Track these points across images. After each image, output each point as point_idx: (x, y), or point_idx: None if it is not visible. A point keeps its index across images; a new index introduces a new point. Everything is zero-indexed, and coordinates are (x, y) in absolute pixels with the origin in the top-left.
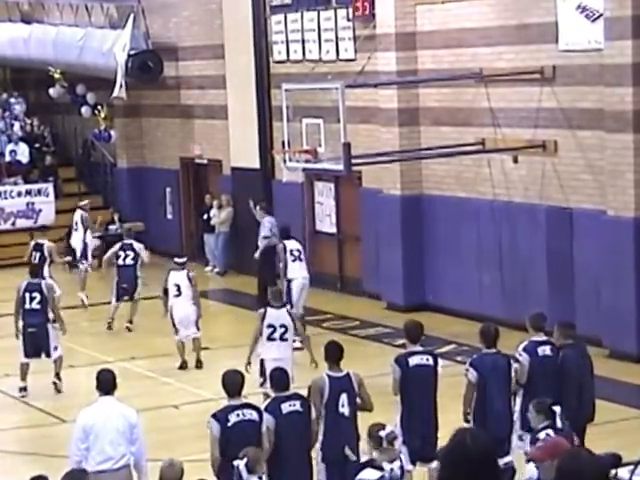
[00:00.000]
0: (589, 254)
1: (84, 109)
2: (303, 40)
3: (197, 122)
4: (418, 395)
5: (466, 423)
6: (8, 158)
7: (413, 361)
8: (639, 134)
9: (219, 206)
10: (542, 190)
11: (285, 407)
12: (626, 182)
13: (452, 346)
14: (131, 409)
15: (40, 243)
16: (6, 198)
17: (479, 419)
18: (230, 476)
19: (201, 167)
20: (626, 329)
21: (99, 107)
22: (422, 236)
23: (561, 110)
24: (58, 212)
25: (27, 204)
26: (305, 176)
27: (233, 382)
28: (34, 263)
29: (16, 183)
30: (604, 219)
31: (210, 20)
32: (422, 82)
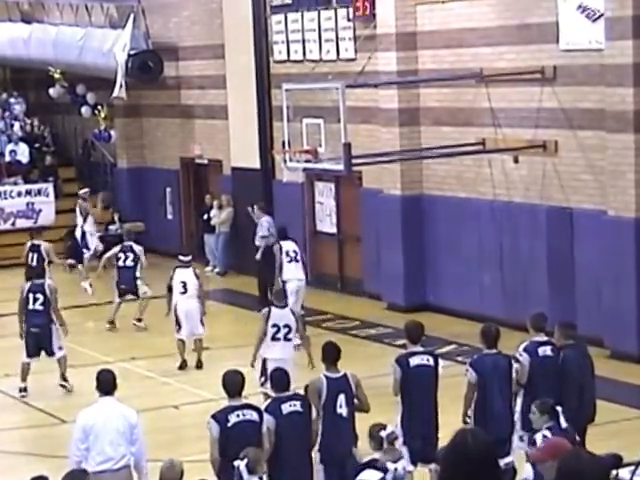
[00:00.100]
0: (590, 254)
1: (84, 109)
2: (303, 40)
3: (197, 122)
4: (419, 395)
5: (464, 424)
6: (8, 158)
7: (414, 361)
8: None
9: (219, 206)
10: (543, 190)
11: (285, 407)
12: (627, 182)
13: (453, 346)
14: (131, 409)
15: (36, 244)
16: (6, 198)
17: (480, 419)
18: (230, 476)
19: (201, 167)
20: (627, 329)
21: (99, 107)
22: (423, 236)
23: (562, 110)
24: (58, 212)
25: (27, 204)
26: (305, 176)
27: (233, 382)
28: (31, 265)
29: (16, 183)
30: (605, 219)
31: (210, 20)
32: (422, 82)
